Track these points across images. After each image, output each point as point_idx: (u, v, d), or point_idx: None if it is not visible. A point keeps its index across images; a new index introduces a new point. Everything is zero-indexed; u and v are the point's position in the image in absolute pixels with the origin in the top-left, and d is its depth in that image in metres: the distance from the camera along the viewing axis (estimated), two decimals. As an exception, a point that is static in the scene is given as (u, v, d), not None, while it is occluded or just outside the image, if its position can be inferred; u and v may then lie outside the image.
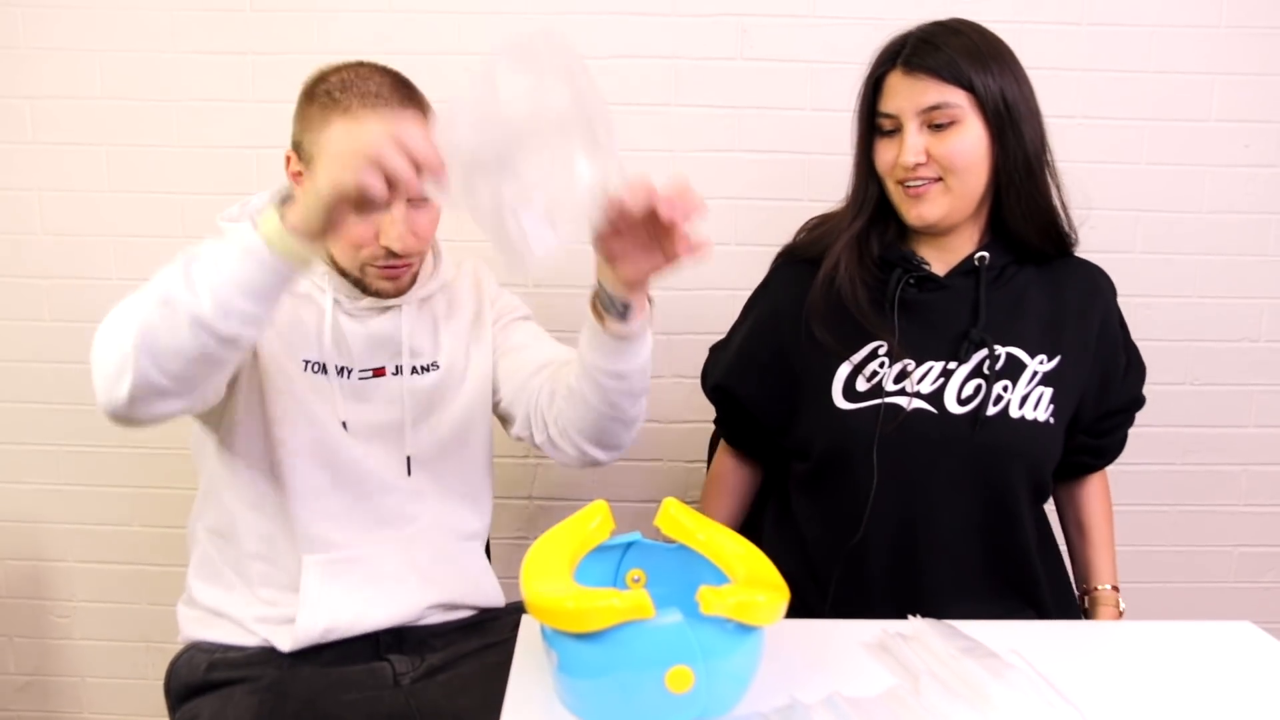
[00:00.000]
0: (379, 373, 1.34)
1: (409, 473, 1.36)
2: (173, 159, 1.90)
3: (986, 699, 0.90)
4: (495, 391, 1.42)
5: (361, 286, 1.30)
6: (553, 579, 0.91)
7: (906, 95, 1.26)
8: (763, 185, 1.88)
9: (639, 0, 1.85)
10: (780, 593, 0.91)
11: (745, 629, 0.89)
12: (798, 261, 1.42)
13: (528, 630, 1.07)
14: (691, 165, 1.89)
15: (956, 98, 1.24)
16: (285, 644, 1.28)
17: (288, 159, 1.27)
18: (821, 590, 1.33)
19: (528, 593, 0.89)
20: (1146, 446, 1.99)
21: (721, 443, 1.55)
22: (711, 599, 0.86)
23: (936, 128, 1.25)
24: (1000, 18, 1.81)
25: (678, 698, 0.86)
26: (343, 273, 1.29)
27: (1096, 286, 1.40)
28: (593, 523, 1.01)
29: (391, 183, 0.92)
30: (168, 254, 1.14)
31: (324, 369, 1.31)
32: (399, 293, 1.32)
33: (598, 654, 0.87)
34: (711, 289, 1.86)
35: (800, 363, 1.37)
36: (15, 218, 1.93)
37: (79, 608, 2.07)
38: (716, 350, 1.52)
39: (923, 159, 1.25)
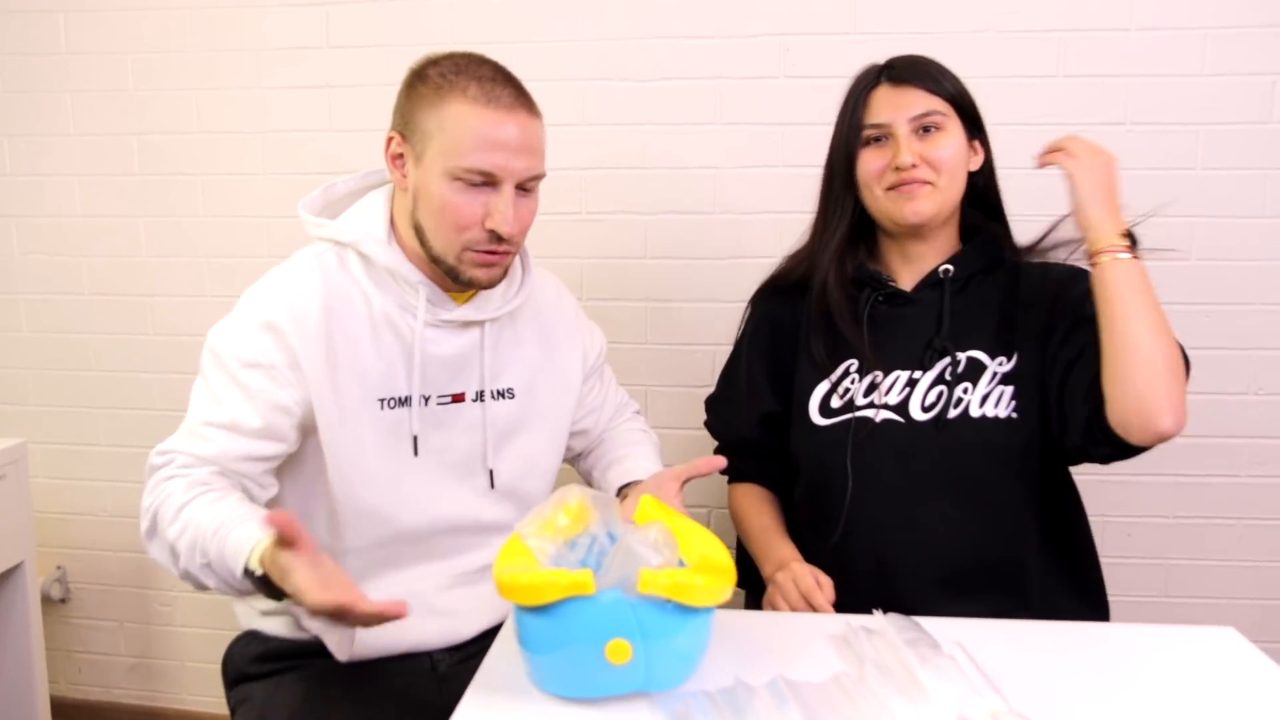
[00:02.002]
0: (458, 398, 1.36)
1: (491, 490, 1.39)
2: (260, 185, 2.08)
3: (918, 685, 0.94)
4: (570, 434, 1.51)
5: (454, 275, 1.29)
6: (518, 559, 1.00)
7: (896, 105, 1.36)
8: (805, 199, 1.91)
9: (684, 23, 1.93)
10: (724, 577, 0.97)
11: (688, 610, 0.95)
12: (776, 292, 1.51)
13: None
14: (736, 182, 1.96)
15: (941, 106, 1.36)
16: (340, 652, 1.33)
17: (389, 140, 1.29)
18: None
19: (495, 571, 0.98)
20: (1209, 458, 1.96)
21: (735, 488, 1.58)
22: (649, 579, 0.94)
23: (925, 132, 1.35)
24: (1045, 26, 1.85)
25: (618, 669, 0.94)
26: (434, 260, 1.29)
27: (1046, 276, 1.41)
28: (566, 510, 1.08)
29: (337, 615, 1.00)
30: (259, 272, 1.32)
31: (404, 401, 1.33)
32: (492, 283, 1.31)
33: (547, 626, 0.95)
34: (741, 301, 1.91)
35: (791, 383, 1.45)
36: (123, 242, 2.14)
37: (179, 597, 2.27)
38: (719, 402, 1.59)
39: (918, 160, 1.34)
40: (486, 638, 1.36)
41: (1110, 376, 1.22)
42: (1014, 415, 1.33)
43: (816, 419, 1.40)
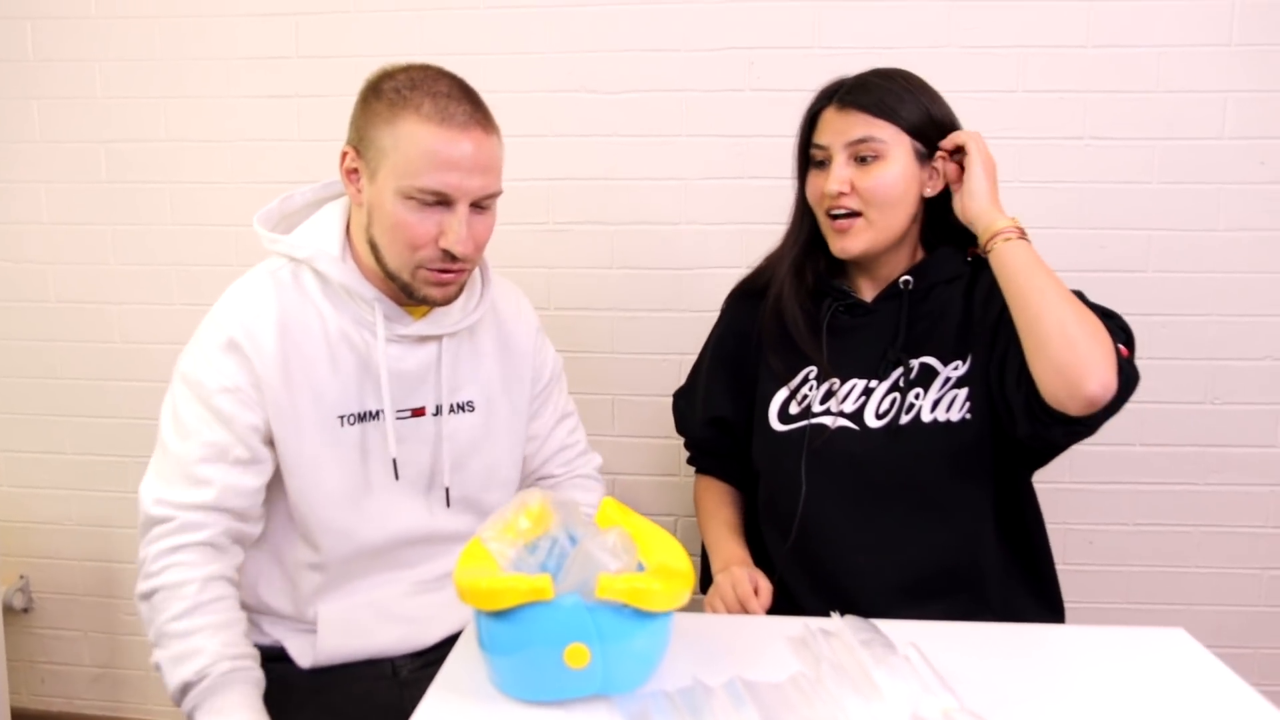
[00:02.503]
0: (418, 413, 1.36)
1: (446, 508, 1.39)
2: (228, 194, 2.08)
3: (873, 685, 0.95)
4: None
5: (409, 292, 1.28)
6: (478, 564, 1.01)
7: (837, 128, 1.35)
8: (769, 211, 1.94)
9: (650, 37, 1.95)
10: (681, 582, 0.98)
11: (645, 614, 0.96)
12: (746, 296, 1.53)
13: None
14: (702, 193, 1.98)
15: (883, 132, 1.33)
16: (302, 659, 1.35)
17: (344, 155, 1.28)
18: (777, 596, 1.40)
19: (455, 576, 0.99)
20: (1168, 466, 1.99)
21: (699, 479, 1.62)
22: (607, 584, 0.95)
23: (862, 160, 1.33)
24: (1005, 42, 1.89)
25: (576, 673, 0.95)
26: (390, 276, 1.28)
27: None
28: (527, 513, 1.08)
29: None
30: (226, 281, 1.33)
31: (363, 417, 1.33)
32: (446, 301, 1.31)
33: (506, 631, 0.96)
34: (705, 311, 1.89)
35: (754, 387, 1.47)
36: (89, 250, 2.13)
37: (144, 607, 2.24)
38: (682, 396, 1.63)
39: (846, 189, 1.33)
40: (448, 644, 1.35)
41: (1030, 354, 1.23)
42: (967, 416, 1.35)
43: (775, 425, 1.42)
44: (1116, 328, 1.28)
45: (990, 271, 1.39)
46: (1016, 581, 1.39)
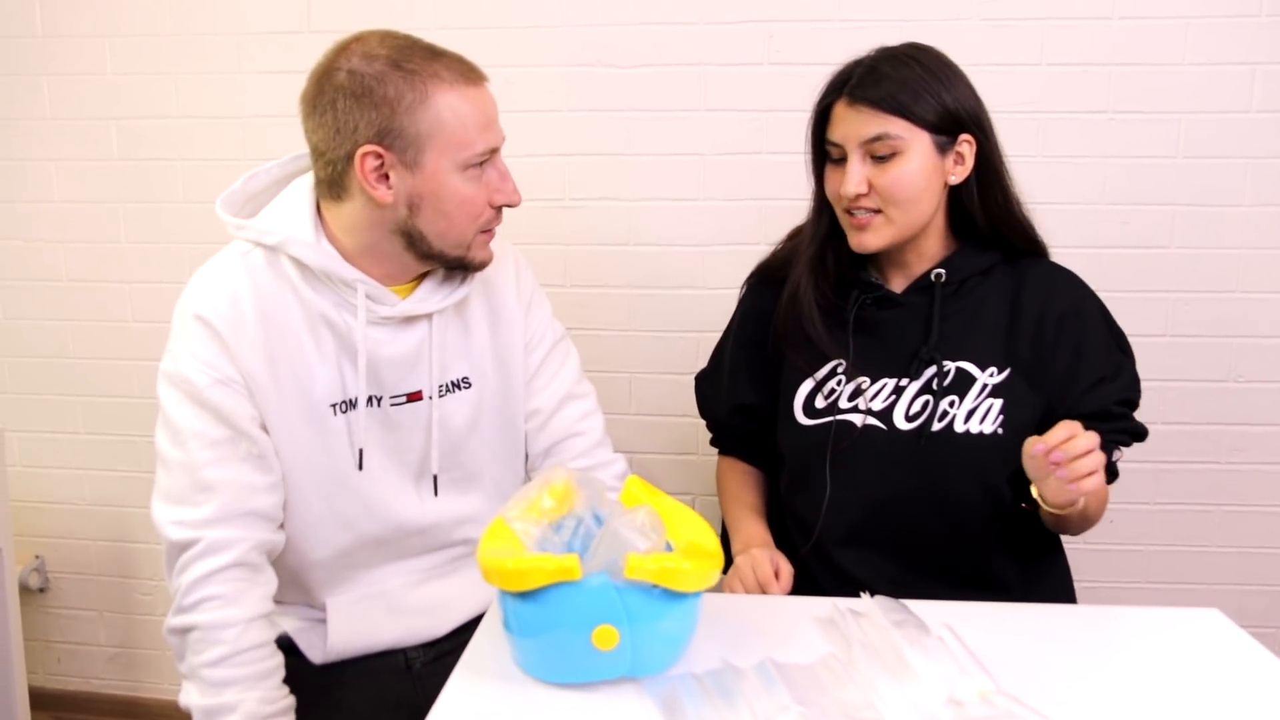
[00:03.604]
0: (414, 397, 1.29)
1: (435, 495, 1.34)
2: (239, 171, 2.03)
3: (907, 666, 0.94)
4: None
5: (464, 265, 1.24)
6: (502, 543, 0.99)
7: (850, 126, 1.28)
8: (790, 186, 1.91)
9: (667, 10, 1.92)
10: (711, 562, 0.97)
11: (674, 595, 0.95)
12: (766, 282, 1.47)
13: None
14: (720, 168, 1.96)
15: (897, 128, 1.25)
16: (313, 653, 1.33)
17: (362, 158, 1.14)
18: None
19: (480, 556, 0.97)
20: (1189, 445, 1.97)
21: (722, 460, 1.58)
22: (636, 564, 0.93)
23: (879, 159, 1.27)
24: (1028, 14, 1.86)
25: (605, 655, 0.93)
26: (436, 255, 1.22)
27: (1054, 290, 1.37)
28: (551, 491, 1.06)
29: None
30: None
31: (352, 404, 1.26)
32: (491, 258, 1.27)
33: (533, 612, 0.95)
34: (724, 288, 1.87)
35: (779, 372, 1.42)
36: (100, 228, 2.12)
37: (160, 586, 2.24)
38: (705, 380, 1.57)
39: (864, 189, 1.27)
40: (460, 633, 1.36)
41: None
42: (999, 431, 1.30)
43: (801, 418, 1.37)
44: (1121, 417, 1.36)
45: (1045, 275, 1.38)
46: (1027, 592, 1.36)
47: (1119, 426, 1.36)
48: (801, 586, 1.33)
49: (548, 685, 0.98)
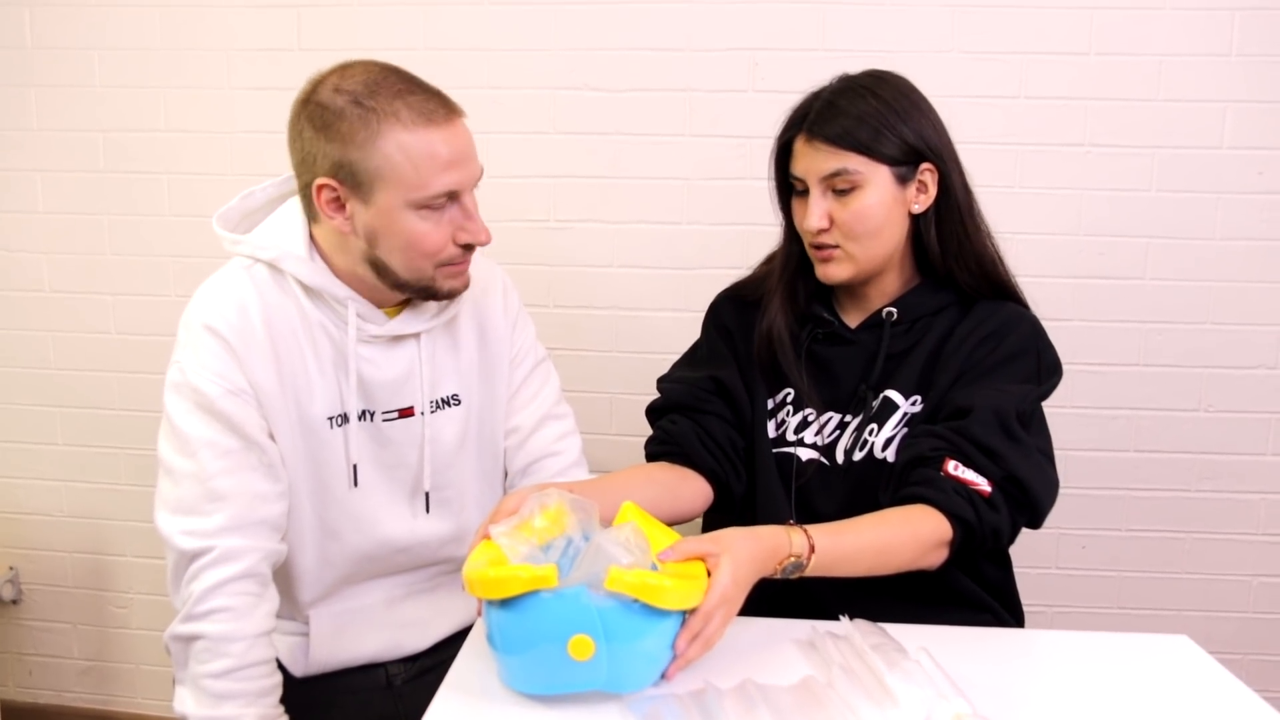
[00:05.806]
0: (406, 413, 1.31)
1: (427, 512, 1.35)
2: (226, 186, 2.04)
3: (886, 689, 0.96)
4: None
5: (429, 294, 1.26)
6: (488, 557, 1.00)
7: (809, 161, 1.28)
8: (771, 212, 1.94)
9: (655, 35, 1.95)
10: (694, 584, 0.98)
11: (656, 612, 0.96)
12: (734, 300, 1.47)
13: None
14: (705, 193, 1.98)
15: (854, 163, 1.25)
16: (294, 667, 1.33)
17: (318, 189, 1.18)
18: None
19: (464, 569, 0.99)
20: (1161, 472, 2.01)
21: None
22: (616, 577, 0.94)
23: (840, 192, 1.27)
24: (1007, 48, 1.89)
25: (581, 665, 0.94)
26: (402, 286, 1.24)
27: (989, 319, 1.33)
28: (544, 513, 1.06)
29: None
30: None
31: (346, 419, 1.28)
32: (466, 287, 1.28)
33: (511, 621, 0.96)
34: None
35: (753, 383, 1.40)
36: (85, 240, 2.12)
37: (135, 599, 2.23)
38: (672, 370, 1.51)
39: (825, 224, 1.28)
40: (441, 649, 1.38)
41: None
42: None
43: (762, 442, 1.37)
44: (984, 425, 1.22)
45: (985, 309, 1.34)
46: (975, 615, 1.33)
47: (969, 436, 1.23)
48: (771, 609, 1.33)
49: (531, 703, 0.99)
